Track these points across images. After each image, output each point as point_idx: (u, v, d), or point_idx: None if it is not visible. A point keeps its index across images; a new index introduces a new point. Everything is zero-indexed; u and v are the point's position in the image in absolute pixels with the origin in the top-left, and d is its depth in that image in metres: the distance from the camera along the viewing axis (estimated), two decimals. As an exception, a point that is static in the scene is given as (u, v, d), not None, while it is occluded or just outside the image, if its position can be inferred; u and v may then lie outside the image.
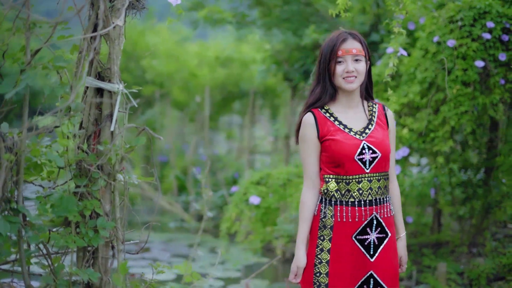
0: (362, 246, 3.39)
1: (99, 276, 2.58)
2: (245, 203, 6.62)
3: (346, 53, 3.37)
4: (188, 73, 13.46)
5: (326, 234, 3.38)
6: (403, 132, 6.01)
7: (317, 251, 3.40)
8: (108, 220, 2.66)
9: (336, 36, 3.43)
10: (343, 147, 3.35)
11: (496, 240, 7.15)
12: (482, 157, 7.17)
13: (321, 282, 3.37)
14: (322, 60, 3.43)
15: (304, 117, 3.44)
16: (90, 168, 2.58)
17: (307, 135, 3.42)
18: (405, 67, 6.28)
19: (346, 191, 3.36)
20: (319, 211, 3.43)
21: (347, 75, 3.37)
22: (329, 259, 3.37)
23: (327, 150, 3.38)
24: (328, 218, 3.39)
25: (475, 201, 7.12)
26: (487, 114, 6.10)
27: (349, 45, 3.39)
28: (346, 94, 3.46)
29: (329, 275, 3.36)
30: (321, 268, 3.38)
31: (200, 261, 8.89)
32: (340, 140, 3.36)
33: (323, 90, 3.45)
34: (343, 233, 3.38)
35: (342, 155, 3.35)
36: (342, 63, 3.38)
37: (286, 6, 8.81)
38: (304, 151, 3.45)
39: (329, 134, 3.38)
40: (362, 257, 3.40)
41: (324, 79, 3.44)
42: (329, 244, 3.38)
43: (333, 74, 3.40)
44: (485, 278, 6.09)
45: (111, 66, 2.63)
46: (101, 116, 2.68)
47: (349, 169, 3.35)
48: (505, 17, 5.63)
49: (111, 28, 2.55)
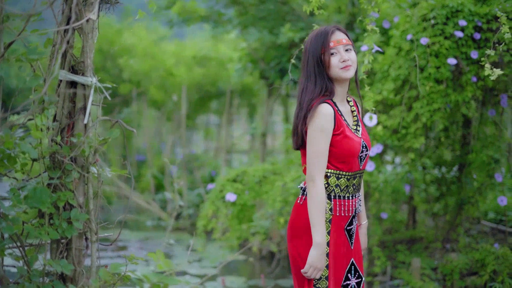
0: (349, 236, 3.51)
1: (72, 267, 2.59)
2: (221, 201, 6.64)
3: (338, 43, 3.40)
4: (164, 72, 13.45)
5: (326, 228, 3.43)
6: (377, 129, 6.08)
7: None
8: (82, 212, 2.69)
9: (324, 29, 3.45)
10: (353, 144, 3.39)
11: (469, 236, 7.23)
12: (455, 154, 7.25)
13: (321, 275, 3.41)
14: (311, 56, 3.43)
15: (321, 107, 3.34)
16: (64, 160, 2.60)
17: (327, 126, 3.33)
18: (379, 65, 6.34)
19: (346, 186, 3.44)
20: None
21: (343, 64, 3.39)
22: (329, 252, 3.41)
23: (336, 145, 3.37)
24: (327, 212, 3.42)
25: (449, 198, 7.21)
26: (460, 111, 6.18)
27: (338, 36, 3.43)
28: (342, 87, 3.48)
29: (328, 267, 3.41)
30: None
31: (177, 258, 8.91)
32: (351, 137, 3.40)
33: (320, 84, 3.42)
34: (339, 226, 3.46)
35: (352, 151, 3.39)
36: (335, 54, 3.40)
37: (262, 5, 8.85)
38: (322, 143, 3.33)
39: (342, 129, 3.39)
40: (347, 246, 3.51)
41: (318, 74, 3.42)
42: (328, 237, 3.42)
43: (328, 67, 3.40)
44: (458, 273, 6.16)
45: (84, 59, 2.65)
46: (74, 109, 2.70)
47: (353, 166, 3.43)
48: (477, 15, 5.71)
49: (84, 21, 2.58)
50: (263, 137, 11.13)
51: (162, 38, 15.67)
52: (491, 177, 6.67)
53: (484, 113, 6.83)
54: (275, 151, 14.29)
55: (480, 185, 6.70)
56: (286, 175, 6.69)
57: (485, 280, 5.94)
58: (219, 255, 8.75)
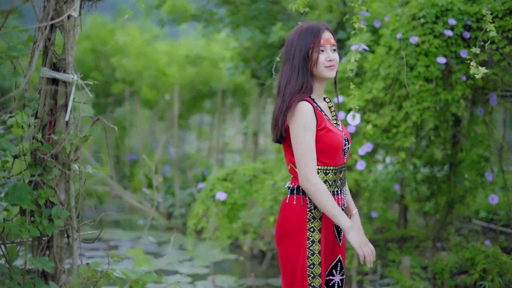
0: (337, 233, 3.54)
1: (53, 265, 2.59)
2: (211, 199, 6.63)
3: (327, 42, 3.44)
4: (157, 72, 13.45)
5: (316, 226, 3.42)
6: (367, 128, 6.08)
7: (308, 243, 3.40)
8: (63, 209, 2.68)
9: (316, 26, 3.46)
10: (336, 137, 3.42)
11: (460, 235, 7.24)
12: (446, 153, 7.26)
13: (315, 273, 3.41)
14: (298, 50, 3.43)
15: (301, 105, 3.35)
16: (45, 157, 2.59)
17: (310, 123, 3.35)
18: (369, 64, 6.35)
19: (333, 181, 3.45)
20: (306, 203, 3.43)
21: (329, 63, 3.43)
22: (320, 249, 3.41)
23: (321, 140, 3.39)
24: (317, 210, 3.42)
25: (439, 197, 7.21)
26: (449, 110, 6.19)
27: (327, 35, 3.47)
28: (321, 84, 3.52)
29: (321, 265, 3.41)
30: (314, 259, 3.40)
31: (169, 258, 8.90)
32: (333, 131, 3.42)
33: (302, 79, 3.43)
34: (329, 223, 3.46)
35: (336, 144, 3.41)
36: (323, 52, 3.44)
37: (253, 4, 8.85)
38: (308, 140, 3.33)
39: (323, 123, 3.40)
40: (335, 243, 3.54)
41: (302, 69, 3.43)
42: (319, 235, 3.42)
43: (315, 63, 3.42)
44: (449, 272, 6.17)
45: (66, 56, 2.64)
46: (56, 106, 2.69)
47: (338, 160, 3.45)
48: (467, 14, 5.72)
49: (65, 18, 2.57)
50: (255, 136, 11.13)
51: (155, 38, 15.66)
52: (481, 176, 6.69)
53: (474, 112, 6.85)
54: (267, 150, 14.28)
55: (470, 184, 6.71)
56: (276, 174, 6.69)
57: (475, 279, 5.94)
58: (210, 255, 8.75)
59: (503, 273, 5.83)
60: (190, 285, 7.44)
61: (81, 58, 14.38)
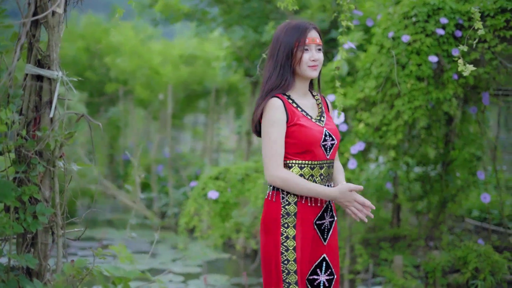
0: (319, 231, 3.49)
1: (37, 262, 2.58)
2: (203, 198, 6.62)
3: (312, 41, 3.45)
4: (150, 71, 13.44)
5: (290, 221, 3.41)
6: (359, 127, 6.08)
7: (282, 239, 3.40)
8: (48, 206, 2.67)
9: (302, 25, 3.47)
10: (310, 133, 3.41)
11: (453, 234, 7.25)
12: (439, 152, 7.27)
13: (290, 269, 3.40)
14: (283, 47, 3.45)
15: (271, 101, 3.40)
16: (29, 154, 2.59)
17: (278, 117, 3.38)
18: (362, 63, 6.35)
19: (310, 176, 3.43)
20: (278, 198, 3.44)
21: (312, 63, 3.45)
22: (295, 246, 3.40)
23: (293, 136, 3.40)
24: (292, 205, 3.42)
25: (432, 196, 7.22)
26: (441, 109, 6.19)
27: (313, 34, 3.47)
28: (303, 82, 3.53)
29: (296, 261, 3.40)
30: (288, 255, 3.40)
31: (161, 257, 8.90)
32: (308, 126, 3.42)
33: (282, 76, 3.46)
34: (305, 219, 3.43)
35: (310, 140, 3.40)
36: (308, 51, 3.45)
37: (246, 3, 8.85)
38: (274, 133, 3.38)
39: (296, 119, 3.41)
40: (318, 241, 3.49)
41: (283, 66, 3.46)
42: (293, 230, 3.41)
43: (299, 62, 3.44)
44: (441, 271, 6.17)
45: (50, 53, 2.63)
46: (41, 103, 2.68)
47: (316, 155, 3.42)
48: (458, 13, 5.72)
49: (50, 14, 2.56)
50: (248, 135, 11.13)
51: (150, 38, 15.65)
52: (473, 175, 6.69)
53: (466, 111, 6.85)
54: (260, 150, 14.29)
55: (462, 182, 6.71)
56: (268, 173, 6.67)
57: (467, 277, 5.95)
58: (203, 254, 8.75)
59: (495, 272, 5.84)
60: (182, 284, 7.44)
61: (76, 57, 14.36)
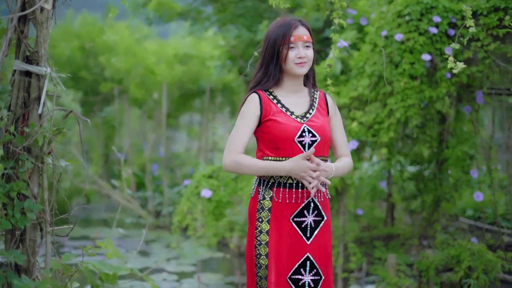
0: (299, 228, 3.45)
1: (25, 258, 2.57)
2: (196, 197, 6.61)
3: (298, 39, 3.45)
4: (145, 70, 13.43)
5: (264, 216, 3.43)
6: (353, 126, 6.08)
7: (256, 233, 3.44)
8: (37, 203, 2.66)
9: (288, 22, 3.48)
10: (284, 128, 3.41)
11: (447, 233, 7.25)
12: (433, 151, 7.27)
13: (261, 263, 3.43)
14: (270, 45, 3.47)
15: (249, 96, 3.49)
16: (17, 150, 2.58)
17: (249, 110, 3.43)
18: (355, 62, 6.35)
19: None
20: (257, 193, 3.47)
21: (299, 60, 3.45)
22: (268, 241, 3.41)
23: (267, 131, 3.42)
24: (266, 200, 3.43)
25: (426, 195, 7.22)
26: (434, 107, 6.20)
27: (300, 32, 3.47)
28: (292, 79, 3.54)
29: (268, 256, 3.40)
30: (261, 250, 3.43)
31: (155, 256, 8.90)
32: (282, 122, 3.42)
33: (265, 74, 3.50)
34: (280, 215, 3.42)
35: (282, 136, 3.41)
36: (294, 48, 3.45)
37: (240, 2, 8.85)
38: (240, 124, 3.44)
39: (271, 115, 3.43)
40: (299, 239, 3.45)
41: (269, 63, 3.49)
42: (267, 225, 3.42)
43: (284, 59, 3.45)
44: (434, 270, 6.17)
45: (38, 49, 2.63)
46: (29, 99, 2.68)
47: (289, 151, 3.41)
48: (452, 11, 5.73)
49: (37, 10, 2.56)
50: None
51: (145, 37, 15.64)
52: (467, 174, 6.69)
53: (460, 110, 6.85)
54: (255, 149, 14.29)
55: (454, 180, 6.71)
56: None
57: (460, 276, 5.95)
58: (196, 253, 8.75)
59: (489, 271, 5.83)
60: (176, 283, 7.43)
61: (71, 57, 14.34)
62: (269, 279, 3.42)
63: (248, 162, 3.37)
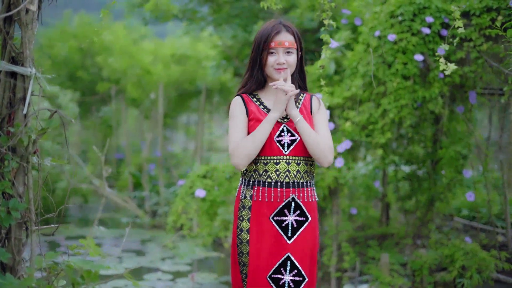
0: (280, 228, 3.46)
1: (10, 256, 2.59)
2: (191, 196, 6.64)
3: (278, 45, 3.47)
4: (141, 70, 13.45)
5: (245, 215, 3.47)
6: (346, 126, 6.09)
7: (238, 232, 3.49)
8: (21, 202, 2.69)
9: (270, 27, 3.51)
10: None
11: (441, 233, 7.26)
12: (427, 151, 7.28)
13: (244, 262, 3.47)
14: (255, 49, 3.53)
15: (233, 100, 3.56)
16: (2, 150, 2.60)
17: (236, 111, 3.48)
18: (349, 62, 6.37)
19: (264, 171, 3.44)
20: (239, 192, 3.54)
21: (278, 66, 3.48)
22: (249, 239, 3.45)
23: (249, 131, 3.46)
24: (247, 199, 3.48)
25: (420, 194, 7.23)
26: (427, 107, 6.21)
27: (282, 37, 3.48)
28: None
29: (249, 254, 3.43)
30: (242, 248, 3.47)
31: (151, 255, 8.91)
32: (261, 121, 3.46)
33: (250, 77, 3.57)
34: (260, 213, 3.45)
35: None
36: (274, 54, 3.49)
37: (236, 3, 8.88)
38: (234, 122, 3.48)
39: (252, 115, 3.48)
40: (279, 238, 3.46)
41: (254, 67, 3.55)
42: (248, 224, 3.46)
43: (264, 64, 3.50)
44: (428, 269, 6.19)
45: (24, 50, 2.65)
46: (15, 99, 2.70)
47: (268, 150, 3.44)
48: (444, 12, 5.75)
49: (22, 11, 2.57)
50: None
51: (142, 37, 15.67)
52: (460, 173, 6.70)
53: (454, 110, 6.87)
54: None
55: (447, 180, 6.73)
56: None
57: (454, 275, 5.96)
58: (191, 252, 8.76)
59: (482, 270, 5.85)
60: (171, 282, 7.45)
61: (68, 57, 14.38)
62: (249, 277, 3.44)
63: (246, 140, 3.39)
